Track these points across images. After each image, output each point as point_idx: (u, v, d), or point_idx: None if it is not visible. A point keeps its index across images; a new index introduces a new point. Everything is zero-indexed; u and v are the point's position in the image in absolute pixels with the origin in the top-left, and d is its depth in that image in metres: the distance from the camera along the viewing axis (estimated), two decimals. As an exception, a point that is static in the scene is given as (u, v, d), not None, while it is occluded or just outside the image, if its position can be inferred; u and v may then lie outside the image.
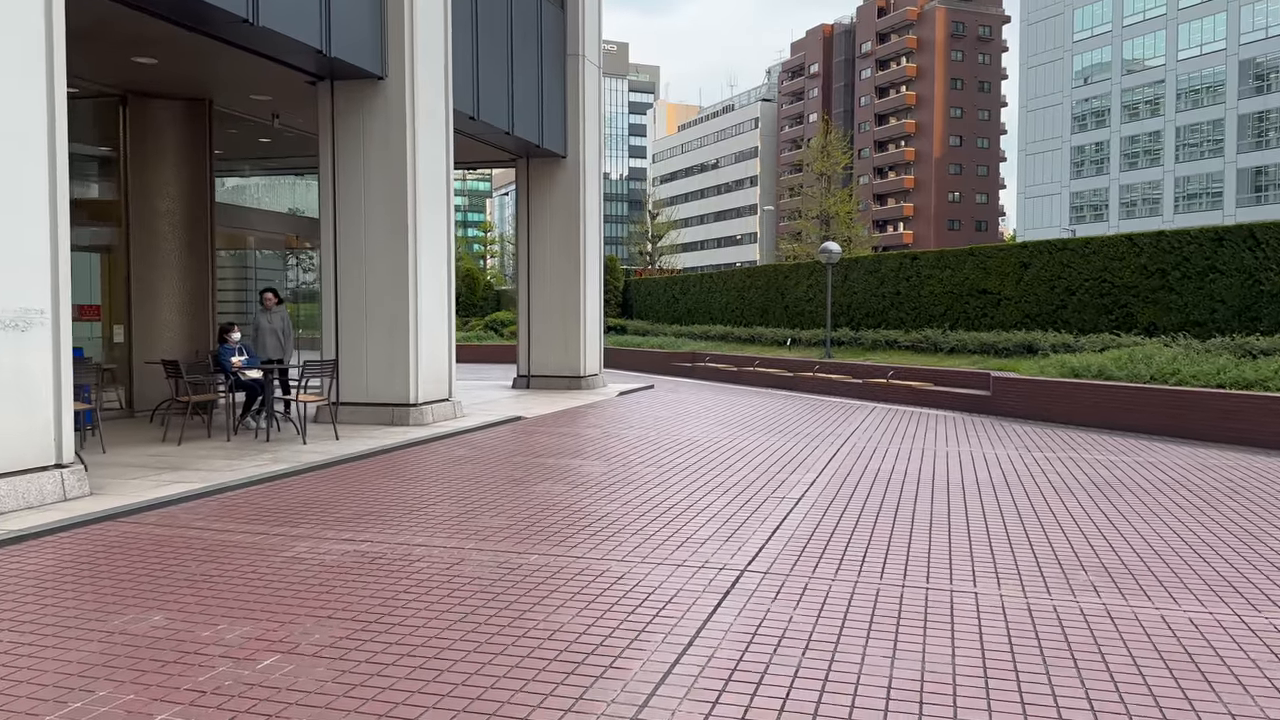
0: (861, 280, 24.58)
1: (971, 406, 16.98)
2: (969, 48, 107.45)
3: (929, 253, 22.46)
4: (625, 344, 31.83)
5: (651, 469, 9.92)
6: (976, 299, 21.26)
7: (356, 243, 13.18)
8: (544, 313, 19.39)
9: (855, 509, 7.91)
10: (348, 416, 13.21)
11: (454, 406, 14.00)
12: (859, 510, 7.86)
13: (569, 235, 19.23)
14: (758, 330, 27.97)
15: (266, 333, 13.45)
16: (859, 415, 16.05)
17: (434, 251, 13.58)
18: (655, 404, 17.36)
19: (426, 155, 13.37)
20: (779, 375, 22.23)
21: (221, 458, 10.14)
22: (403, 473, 9.58)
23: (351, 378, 13.23)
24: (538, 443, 11.88)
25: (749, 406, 17.14)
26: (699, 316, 33.84)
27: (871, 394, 19.26)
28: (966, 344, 20.40)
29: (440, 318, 13.77)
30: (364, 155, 13.11)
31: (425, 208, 13.32)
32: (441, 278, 13.80)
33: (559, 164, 19.22)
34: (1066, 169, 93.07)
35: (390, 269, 13.06)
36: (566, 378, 19.36)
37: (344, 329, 13.26)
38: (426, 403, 13.35)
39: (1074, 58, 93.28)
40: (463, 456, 10.71)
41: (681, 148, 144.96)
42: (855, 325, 24.65)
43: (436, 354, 13.65)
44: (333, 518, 7.42)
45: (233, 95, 14.26)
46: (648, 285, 40.01)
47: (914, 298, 22.88)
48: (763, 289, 29.43)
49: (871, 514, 7.72)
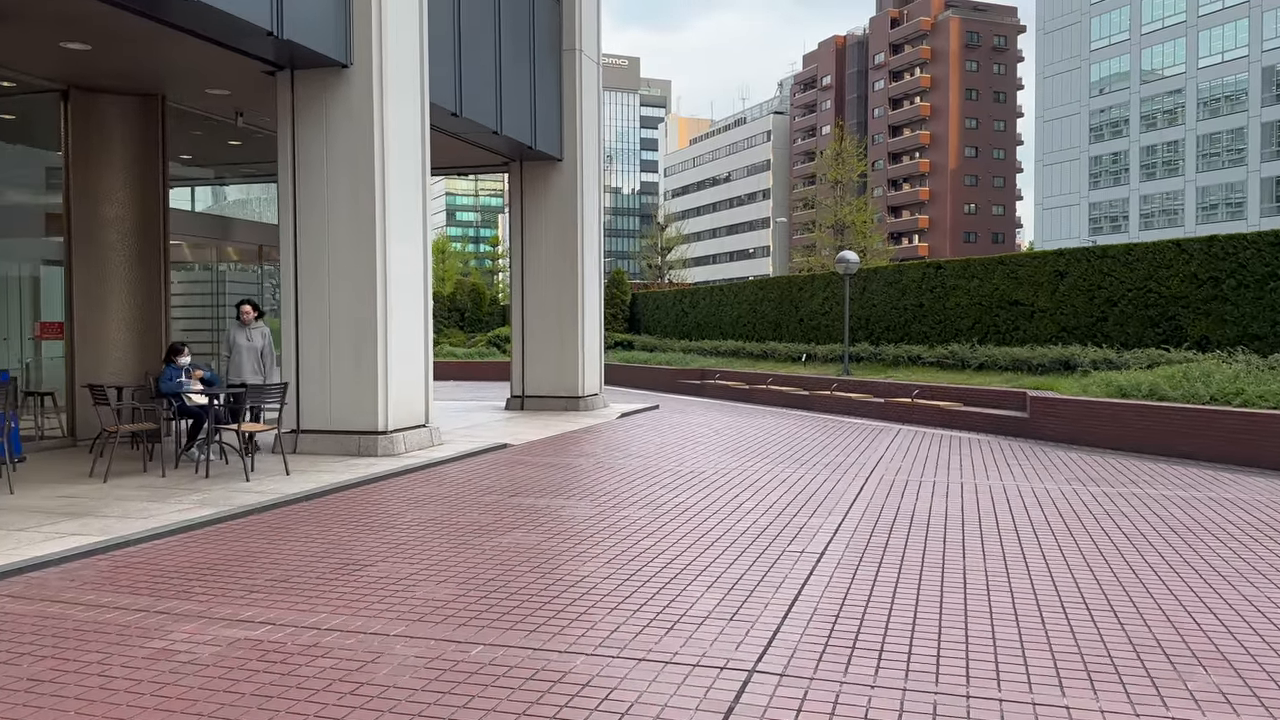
0: (881, 292, 23.04)
1: (1006, 429, 15.41)
2: (984, 58, 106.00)
3: (954, 262, 20.93)
4: (631, 360, 30.36)
5: (646, 511, 8.42)
6: (1007, 311, 19.70)
7: (319, 249, 11.77)
8: (539, 329, 17.95)
9: (892, 567, 6.38)
10: (309, 446, 11.77)
11: (431, 434, 12.54)
12: (896, 569, 6.34)
13: (566, 245, 17.80)
14: (771, 346, 26.46)
15: (244, 352, 12.01)
16: (883, 439, 14.51)
17: (408, 260, 12.16)
18: (659, 427, 15.87)
19: (398, 153, 11.97)
20: (794, 394, 20.70)
21: (143, 500, 8.69)
22: (350, 518, 8.11)
23: (313, 402, 11.80)
24: (519, 477, 10.40)
25: (762, 429, 15.63)
26: (709, 331, 32.35)
27: (895, 415, 17.71)
28: (997, 360, 18.84)
29: (415, 334, 12.33)
30: (327, 152, 11.72)
31: (397, 210, 11.90)
32: (417, 289, 12.37)
33: (554, 167, 17.81)
34: (1085, 179, 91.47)
35: (356, 278, 11.64)
36: (563, 398, 17.90)
37: (305, 346, 11.83)
38: (398, 430, 11.90)
39: (1091, 67, 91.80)
40: (428, 496, 9.23)
41: (693, 161, 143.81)
42: (875, 340, 23.11)
43: (410, 375, 12.21)
44: (240, 586, 5.95)
45: (187, 90, 12.91)
46: (655, 299, 38.56)
47: (939, 310, 21.33)
48: (776, 302, 27.93)
49: (913, 575, 6.20)
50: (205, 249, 15.31)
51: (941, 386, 17.86)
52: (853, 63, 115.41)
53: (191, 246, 15.16)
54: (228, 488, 9.34)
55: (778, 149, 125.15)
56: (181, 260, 15.48)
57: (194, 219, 14.34)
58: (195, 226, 14.27)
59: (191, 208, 15.60)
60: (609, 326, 39.28)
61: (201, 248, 15.25)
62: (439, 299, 58.69)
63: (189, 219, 14.16)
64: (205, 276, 15.96)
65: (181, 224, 13.87)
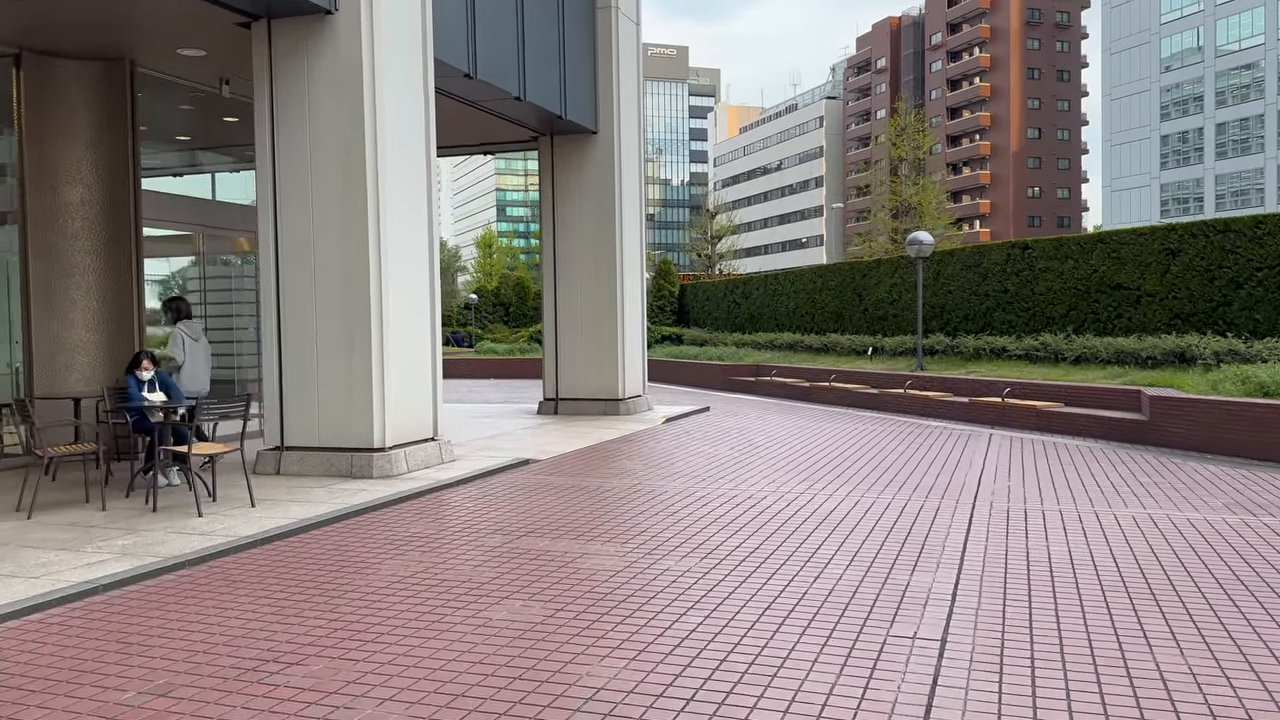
0: (958, 277, 20.69)
1: (1120, 434, 13.10)
2: (1046, 35, 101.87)
3: (1044, 241, 18.53)
4: (680, 355, 28.32)
5: (692, 562, 6.39)
6: (1108, 296, 17.28)
7: (303, 233, 9.92)
8: (574, 323, 15.99)
9: (1049, 665, 4.27)
10: (294, 466, 9.92)
11: (440, 449, 10.63)
12: (1060, 671, 4.23)
13: (603, 229, 15.80)
14: (832, 338, 24.22)
15: (202, 359, 10.26)
16: (976, 449, 12.30)
17: (409, 244, 10.25)
18: (709, 434, 13.82)
19: (396, 118, 10.06)
20: (861, 393, 18.50)
21: (54, 546, 6.87)
22: (304, 574, 6.20)
23: (299, 414, 9.95)
24: (537, 508, 8.43)
25: (829, 437, 13.50)
26: (763, 324, 30.17)
27: (983, 417, 15.44)
28: (1098, 352, 16.46)
29: (419, 332, 10.43)
30: (310, 117, 9.85)
31: (395, 185, 10.00)
32: (421, 279, 10.46)
33: (589, 142, 15.82)
34: (1156, 159, 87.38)
35: (346, 266, 9.75)
36: (601, 400, 15.92)
37: (289, 348, 9.99)
38: (398, 446, 10.00)
39: (1161, 41, 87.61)
40: (417, 537, 7.30)
41: (743, 150, 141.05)
42: (951, 331, 20.78)
43: (414, 381, 10.31)
44: (76, 711, 4.04)
45: (156, 50, 11.13)
46: (705, 290, 36.44)
47: (1026, 296, 18.95)
48: (837, 291, 25.66)
49: (1085, 682, 4.09)
50: (191, 239, 13.53)
51: (1036, 384, 15.55)
52: (908, 44, 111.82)
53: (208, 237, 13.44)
54: (171, 527, 7.50)
55: (831, 135, 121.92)
56: (217, 251, 13.80)
57: (174, 203, 12.59)
58: (175, 211, 12.51)
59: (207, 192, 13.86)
60: (655, 319, 37.26)
61: (189, 238, 13.49)
62: (484, 294, 57.22)
63: (167, 203, 12.41)
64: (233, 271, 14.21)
65: (158, 208, 12.12)
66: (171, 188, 13.45)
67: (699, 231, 61.86)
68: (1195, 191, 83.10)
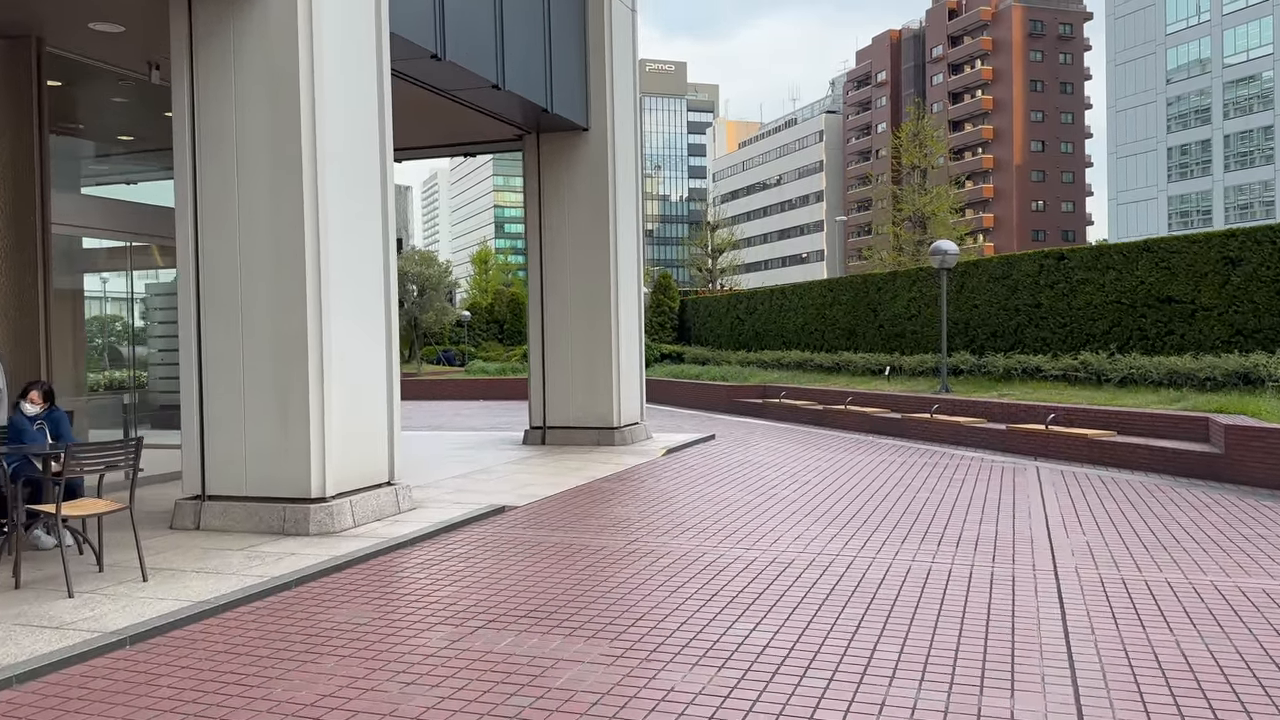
0: (984, 289, 19.00)
1: (1188, 468, 11.37)
2: (1049, 47, 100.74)
3: (1082, 250, 16.86)
4: (681, 375, 26.61)
5: (705, 674, 4.65)
6: (1157, 310, 15.59)
7: (227, 238, 8.22)
8: (563, 342, 14.28)
9: None
10: (216, 519, 8.18)
11: (397, 496, 8.89)
12: None
13: (596, 237, 14.12)
14: (844, 357, 22.51)
15: None
16: (1027, 487, 10.56)
17: (358, 257, 8.56)
18: (716, 470, 12.09)
19: (343, 101, 8.39)
20: (881, 417, 16.78)
21: None
22: (165, 701, 4.46)
23: (222, 455, 8.23)
24: (504, 580, 6.69)
25: (854, 471, 11.77)
26: (769, 341, 28.47)
27: (1024, 446, 13.71)
28: (1147, 373, 14.75)
29: (372, 357, 8.71)
30: (237, 102, 8.18)
31: (339, 181, 8.31)
32: (374, 294, 8.75)
33: (579, 140, 14.14)
34: (1163, 171, 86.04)
35: (279, 278, 8.05)
36: (594, 429, 14.18)
37: (212, 377, 8.27)
38: (343, 494, 8.27)
39: (1167, 52, 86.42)
40: (336, 631, 5.56)
41: (742, 165, 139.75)
42: (978, 349, 19.07)
43: (365, 417, 8.59)
44: None
45: (68, 26, 9.47)
46: (707, 305, 34.75)
47: (1062, 311, 17.25)
48: (849, 305, 23.96)
49: None
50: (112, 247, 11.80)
51: (1081, 409, 13.84)
52: (909, 57, 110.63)
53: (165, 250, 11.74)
54: (22, 615, 5.76)
55: (831, 149, 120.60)
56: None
57: (90, 205, 10.87)
58: (93, 215, 10.79)
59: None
60: (656, 337, 35.57)
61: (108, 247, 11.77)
62: (478, 311, 55.46)
63: (83, 205, 10.70)
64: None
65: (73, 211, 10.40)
66: (124, 194, 11.84)
67: (699, 245, 60.16)
68: (1203, 204, 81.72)
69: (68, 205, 10.27)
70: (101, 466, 6.59)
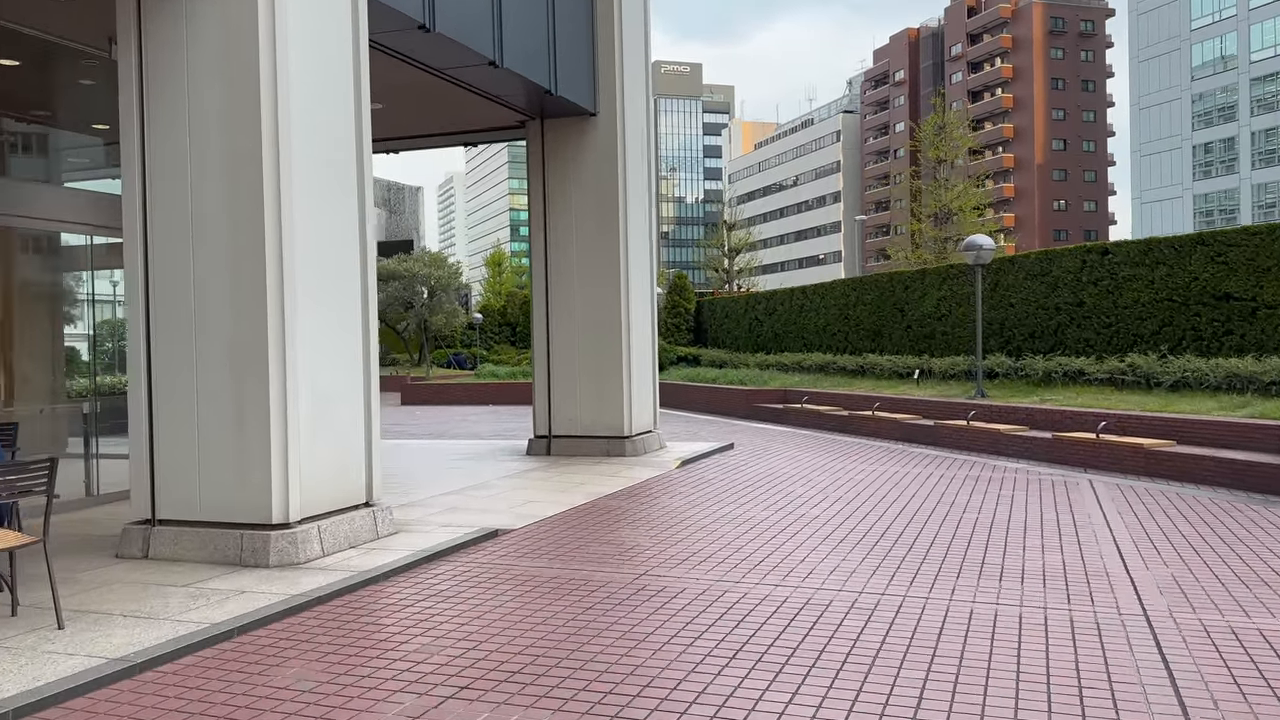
0: (1021, 287, 17.82)
1: (1264, 483, 10.21)
2: (1070, 45, 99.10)
3: (1129, 244, 15.68)
4: (697, 378, 25.52)
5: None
6: (1213, 309, 14.40)
7: (178, 227, 7.20)
8: (570, 345, 13.23)
9: None
10: (166, 547, 7.16)
11: (375, 520, 7.85)
12: None
13: (605, 231, 13.06)
14: (869, 359, 21.36)
15: None
16: (1086, 506, 9.42)
17: (330, 239, 7.53)
18: (736, 485, 11.00)
19: (309, 70, 7.37)
20: (914, 424, 15.64)
21: None
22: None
23: (174, 473, 7.21)
24: (487, 627, 5.63)
25: (890, 485, 10.65)
26: (789, 343, 27.34)
27: (1071, 457, 12.56)
28: (1204, 376, 13.57)
29: (347, 361, 7.68)
30: (190, 71, 7.17)
31: (304, 161, 7.29)
32: (349, 288, 7.72)
33: (586, 126, 13.09)
34: (1188, 170, 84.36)
35: (235, 273, 7.03)
36: (603, 439, 13.12)
37: (162, 385, 7.26)
38: (311, 519, 7.23)
39: (1192, 48, 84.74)
40: (276, 698, 4.51)
41: (758, 166, 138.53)
42: (1014, 351, 17.90)
43: (338, 428, 7.55)
44: None
45: (11, -5, 8.47)
46: (724, 306, 33.65)
47: (1106, 309, 16.07)
48: (874, 305, 22.80)
49: None
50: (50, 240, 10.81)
51: (1133, 415, 12.68)
52: (927, 56, 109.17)
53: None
54: (-103, 676, 4.75)
55: (848, 150, 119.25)
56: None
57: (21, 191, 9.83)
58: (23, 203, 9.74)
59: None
60: (672, 339, 34.48)
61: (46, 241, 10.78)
62: (490, 313, 54.47)
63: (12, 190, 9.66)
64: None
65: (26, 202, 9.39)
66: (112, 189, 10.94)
67: (715, 245, 58.89)
68: (1230, 202, 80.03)
69: (19, 195, 9.28)
70: (18, 492, 5.57)
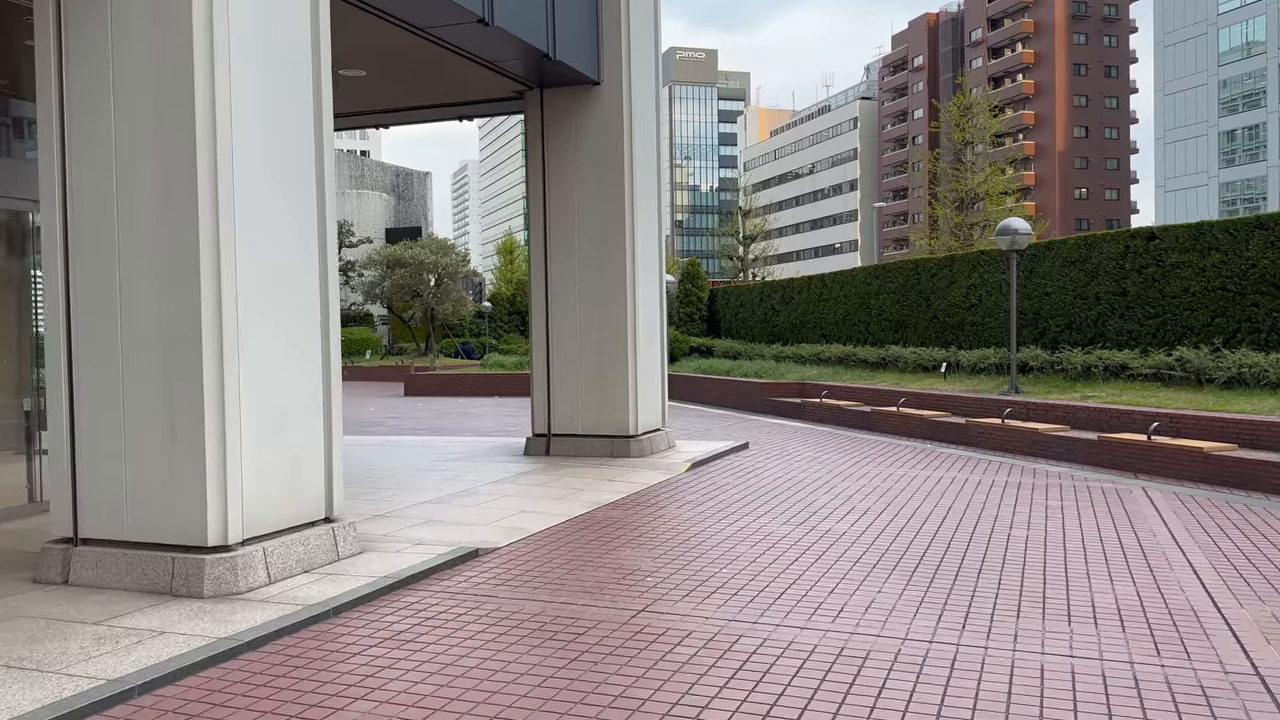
0: (1058, 275, 16.64)
1: (1349, 495, 9.06)
2: (1092, 29, 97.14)
3: (1177, 229, 14.48)
4: (710, 370, 24.44)
5: None
6: (1273, 298, 13.22)
7: (101, 209, 6.16)
8: (571, 335, 12.17)
9: None
10: (89, 572, 6.14)
11: (335, 538, 6.80)
12: None
13: (610, 211, 11.97)
14: (892, 351, 20.23)
15: None
16: (1144, 518, 8.30)
17: (282, 222, 6.48)
18: (752, 492, 9.92)
19: (254, 27, 6.30)
20: (943, 422, 14.52)
21: None
22: None
23: (99, 486, 6.19)
24: (447, 682, 4.58)
25: (922, 494, 9.55)
26: (807, 333, 26.21)
27: (1120, 461, 11.43)
28: (1263, 372, 12.41)
29: (302, 360, 6.64)
30: (114, 29, 6.11)
31: (248, 133, 6.23)
32: (307, 282, 6.67)
33: (589, 96, 11.99)
34: (1214, 157, 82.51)
35: (166, 260, 5.98)
36: (607, 438, 12.06)
37: (84, 378, 6.23)
38: (256, 539, 6.20)
39: (1219, 33, 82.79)
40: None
41: (774, 154, 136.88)
42: (1050, 343, 16.74)
43: (293, 432, 6.51)
44: None
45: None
46: (739, 295, 32.51)
47: (1152, 299, 14.89)
48: (898, 294, 21.64)
49: None
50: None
51: (1188, 415, 11.53)
52: (947, 41, 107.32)
53: None
54: None
55: (865, 137, 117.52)
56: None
57: None
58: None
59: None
60: (684, 329, 33.37)
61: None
62: (499, 302, 53.37)
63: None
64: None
65: None
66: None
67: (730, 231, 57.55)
68: (1258, 190, 78.15)
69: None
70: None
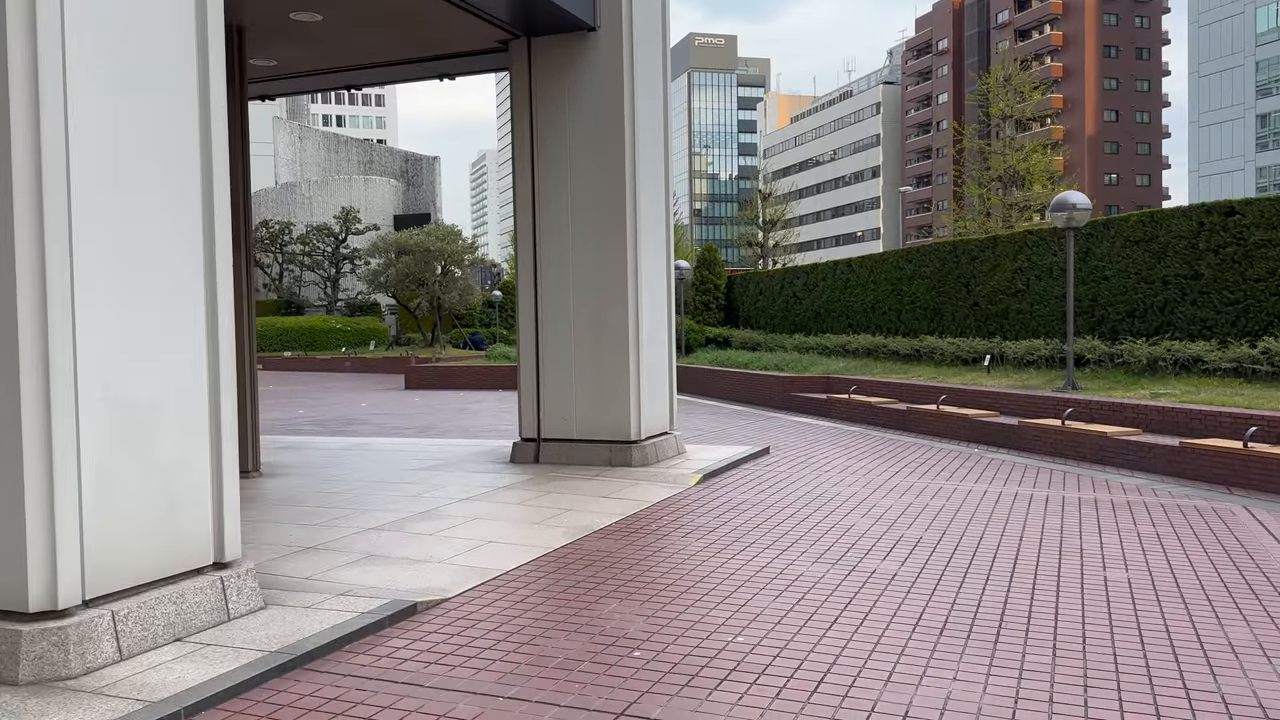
0: (1118, 257, 14.83)
1: None
2: (1124, 10, 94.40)
3: (1263, 200, 12.67)
4: (727, 363, 22.75)
5: None
6: (1381, 281, 11.40)
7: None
8: (563, 326, 10.52)
9: None
10: (-125, 643, 4.56)
11: (225, 590, 5.19)
12: None
13: (608, 183, 10.30)
14: (928, 342, 18.47)
15: None
16: (1259, 548, 6.58)
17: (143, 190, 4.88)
18: (773, 515, 8.25)
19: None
20: (991, 423, 12.80)
21: None
22: None
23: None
24: None
25: (978, 516, 7.85)
26: (832, 323, 24.47)
27: (1207, 472, 9.68)
28: (1373, 367, 10.61)
29: (174, 355, 5.03)
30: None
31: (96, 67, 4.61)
32: (183, 258, 5.06)
33: (585, 45, 10.31)
34: (1251, 141, 79.92)
35: (-27, 208, 4.38)
36: (605, 444, 10.40)
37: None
38: (102, 600, 4.59)
39: (1257, 11, 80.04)
40: None
41: (794, 140, 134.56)
42: (1109, 333, 14.95)
43: (161, 450, 4.92)
44: None
45: None
46: (757, 282, 30.78)
47: (1231, 283, 13.09)
48: (933, 280, 19.86)
49: None
50: None
51: (1291, 418, 9.76)
52: (973, 23, 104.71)
53: None
54: None
55: (888, 123, 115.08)
56: None
57: None
58: None
59: None
60: (700, 318, 31.66)
61: None
62: (509, 290, 51.72)
63: None
64: None
65: None
66: None
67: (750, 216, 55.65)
68: (1295, 175, 75.54)
69: None
70: None
